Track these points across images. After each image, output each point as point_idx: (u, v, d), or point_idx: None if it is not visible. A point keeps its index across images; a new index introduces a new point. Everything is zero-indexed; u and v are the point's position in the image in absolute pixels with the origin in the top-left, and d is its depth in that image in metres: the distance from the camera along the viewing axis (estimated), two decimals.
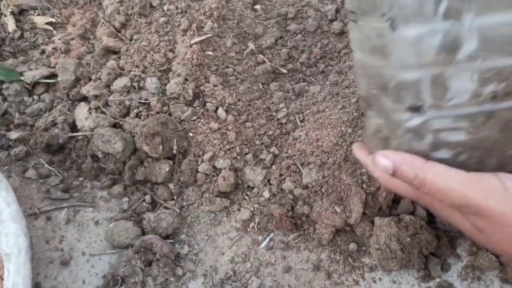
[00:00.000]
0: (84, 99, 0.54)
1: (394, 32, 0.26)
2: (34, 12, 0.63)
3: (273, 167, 0.49)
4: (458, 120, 0.27)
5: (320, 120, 0.49)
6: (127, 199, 0.49)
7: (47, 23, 0.62)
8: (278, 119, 0.52)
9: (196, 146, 0.50)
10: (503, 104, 0.26)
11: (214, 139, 0.49)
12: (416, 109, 0.28)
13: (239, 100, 0.53)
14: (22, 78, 0.56)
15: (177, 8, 0.57)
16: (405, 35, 0.25)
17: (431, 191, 0.27)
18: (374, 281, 0.43)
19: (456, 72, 0.26)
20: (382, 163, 0.28)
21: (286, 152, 0.49)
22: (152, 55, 0.54)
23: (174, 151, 0.49)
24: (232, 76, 0.55)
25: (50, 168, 0.51)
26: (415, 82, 0.27)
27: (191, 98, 0.51)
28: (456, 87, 0.26)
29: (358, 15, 0.28)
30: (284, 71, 0.58)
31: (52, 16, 0.63)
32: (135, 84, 0.53)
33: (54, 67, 0.57)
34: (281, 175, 0.48)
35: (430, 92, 0.27)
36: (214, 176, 0.49)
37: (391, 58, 0.27)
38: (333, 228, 0.44)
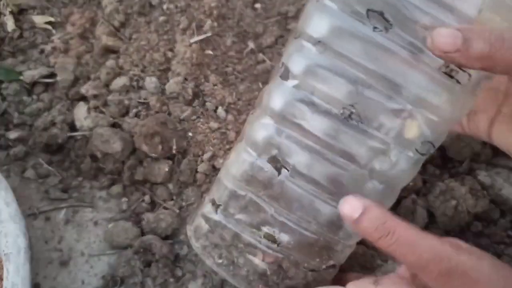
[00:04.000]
0: (83, 98, 0.54)
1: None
2: (34, 11, 0.63)
3: None
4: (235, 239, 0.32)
5: None
6: (126, 199, 0.49)
7: (46, 23, 0.62)
8: None
9: (196, 145, 0.49)
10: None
11: (213, 139, 0.49)
12: (215, 205, 0.32)
13: (239, 99, 0.53)
14: (21, 77, 0.55)
15: (176, 7, 0.57)
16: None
17: (399, 240, 0.25)
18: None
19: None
20: (351, 202, 0.27)
21: None
22: (152, 54, 0.54)
23: (174, 151, 0.48)
24: (232, 75, 0.55)
25: (49, 168, 0.50)
26: (225, 186, 0.32)
27: (190, 97, 0.51)
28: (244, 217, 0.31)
29: None
30: None
31: (52, 16, 0.62)
32: (134, 83, 0.53)
33: (53, 67, 0.57)
34: None
35: (227, 199, 0.32)
36: (214, 176, 0.48)
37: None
38: None
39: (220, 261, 0.32)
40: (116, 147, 0.48)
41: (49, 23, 0.62)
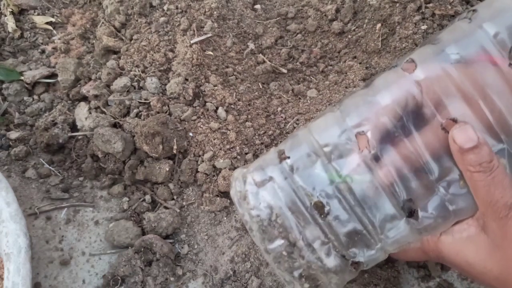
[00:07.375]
0: (84, 98, 0.54)
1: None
2: (34, 12, 0.63)
3: None
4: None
5: None
6: (127, 199, 0.49)
7: (47, 23, 0.62)
8: (278, 122, 0.53)
9: (196, 146, 0.50)
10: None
11: (214, 139, 0.49)
12: (283, 156, 0.33)
13: (239, 99, 0.53)
14: (22, 78, 0.56)
15: (177, 8, 0.57)
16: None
17: (494, 180, 0.27)
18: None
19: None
20: (469, 132, 0.27)
21: None
22: (152, 55, 0.54)
23: (174, 151, 0.49)
24: (232, 75, 0.55)
25: (50, 168, 0.51)
26: (301, 143, 0.33)
27: (191, 98, 0.51)
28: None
29: None
30: (284, 70, 0.58)
31: (52, 16, 0.62)
32: (135, 83, 0.53)
33: (54, 67, 0.57)
34: None
35: (298, 156, 0.32)
36: (214, 176, 0.49)
37: None
38: None
39: (256, 226, 0.31)
40: (117, 147, 0.48)
41: (49, 23, 0.62)
